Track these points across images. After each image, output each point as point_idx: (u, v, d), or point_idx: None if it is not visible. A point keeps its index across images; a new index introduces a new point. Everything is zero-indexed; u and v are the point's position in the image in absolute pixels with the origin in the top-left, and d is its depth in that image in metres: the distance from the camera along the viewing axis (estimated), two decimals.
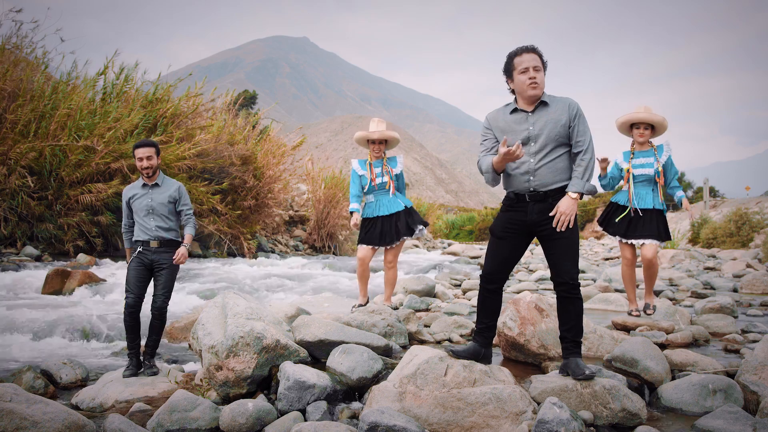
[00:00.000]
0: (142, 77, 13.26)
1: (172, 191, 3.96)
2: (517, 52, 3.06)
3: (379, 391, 2.91)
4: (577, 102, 3.07)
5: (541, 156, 3.03)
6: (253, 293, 7.53)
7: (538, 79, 2.99)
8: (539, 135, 3.03)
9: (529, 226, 3.05)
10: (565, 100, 3.07)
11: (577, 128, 3.02)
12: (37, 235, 10.09)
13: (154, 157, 3.89)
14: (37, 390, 3.52)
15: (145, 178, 3.93)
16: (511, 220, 3.09)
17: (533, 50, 3.04)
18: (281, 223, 16.84)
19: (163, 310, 3.86)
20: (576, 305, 3.01)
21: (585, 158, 3.00)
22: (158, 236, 3.88)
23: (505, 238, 3.10)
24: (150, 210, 3.89)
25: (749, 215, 15.95)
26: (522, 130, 3.06)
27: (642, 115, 4.69)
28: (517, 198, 3.10)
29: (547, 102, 3.05)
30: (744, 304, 6.22)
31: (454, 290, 7.62)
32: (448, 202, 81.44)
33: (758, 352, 3.10)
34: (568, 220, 2.95)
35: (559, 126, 3.01)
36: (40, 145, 9.95)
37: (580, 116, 3.04)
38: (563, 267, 2.99)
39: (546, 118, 3.03)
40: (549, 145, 3.02)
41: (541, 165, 3.03)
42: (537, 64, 3.01)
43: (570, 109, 3.03)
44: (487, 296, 3.15)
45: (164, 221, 3.91)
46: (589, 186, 2.99)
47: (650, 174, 4.69)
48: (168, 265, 3.88)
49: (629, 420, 2.75)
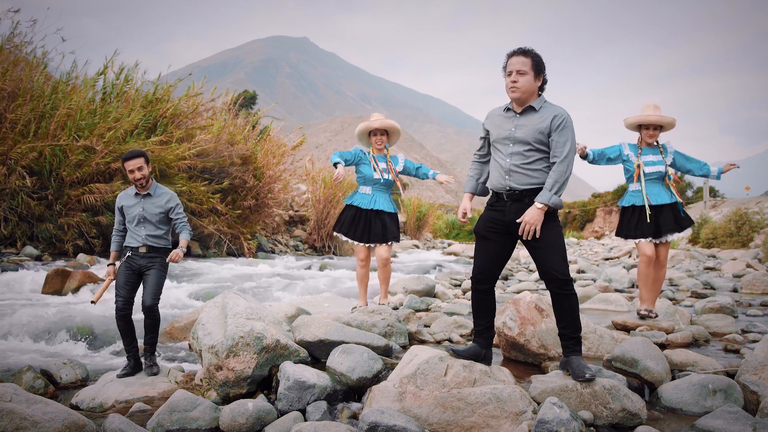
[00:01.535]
0: (142, 77, 13.22)
1: (164, 202, 3.92)
2: (509, 54, 3.08)
3: (379, 391, 2.91)
4: (566, 114, 3.03)
5: (517, 157, 3.05)
6: (253, 293, 7.53)
7: (518, 84, 3.00)
8: (518, 137, 3.05)
9: (508, 225, 3.06)
10: (554, 109, 3.04)
11: (556, 140, 3.00)
12: (37, 235, 10.08)
13: (145, 166, 3.86)
14: (37, 390, 3.52)
15: (138, 189, 3.91)
16: (492, 220, 3.11)
17: (522, 53, 3.03)
18: (281, 223, 16.84)
19: (152, 308, 3.83)
20: (570, 301, 3.00)
21: (558, 170, 2.97)
22: (147, 244, 3.88)
23: (489, 237, 3.12)
24: (141, 219, 3.88)
25: (749, 215, 15.94)
26: (505, 129, 3.11)
27: (653, 118, 4.67)
28: (496, 197, 3.15)
29: (536, 108, 3.05)
30: (744, 304, 6.22)
31: (454, 290, 7.62)
32: (448, 202, 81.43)
33: (758, 352, 3.10)
34: (532, 229, 2.95)
35: (537, 132, 3.01)
36: (40, 145, 9.95)
37: (563, 128, 2.99)
38: (550, 264, 2.98)
39: (530, 122, 3.05)
40: (524, 148, 3.04)
41: (515, 166, 3.05)
42: (522, 68, 3.00)
43: (554, 120, 3.00)
44: (479, 297, 3.15)
45: (155, 230, 3.90)
46: (555, 199, 2.95)
47: (662, 171, 4.69)
48: (156, 266, 3.87)
49: (629, 420, 2.75)
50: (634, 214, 4.74)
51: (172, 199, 3.96)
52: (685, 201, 32.94)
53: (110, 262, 3.97)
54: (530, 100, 3.07)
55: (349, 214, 4.93)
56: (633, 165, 4.73)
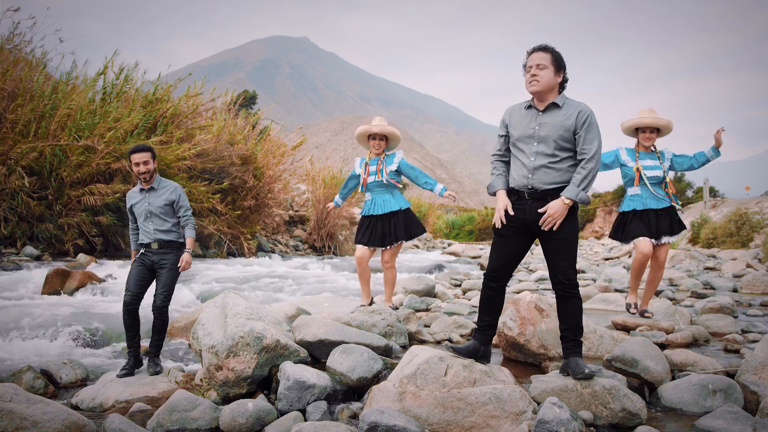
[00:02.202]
0: (142, 77, 13.25)
1: (168, 194, 3.98)
2: (529, 51, 3.09)
3: (379, 391, 2.91)
4: (590, 110, 3.02)
5: (542, 156, 3.03)
6: (253, 293, 7.53)
7: (538, 77, 3.00)
8: (542, 135, 3.04)
9: (528, 224, 3.06)
10: (578, 105, 3.05)
11: (583, 137, 2.99)
12: (37, 235, 10.08)
13: (150, 161, 3.92)
14: (37, 390, 3.53)
15: (142, 183, 3.95)
16: (512, 218, 3.10)
17: (542, 49, 3.05)
18: (281, 223, 16.84)
19: (163, 309, 3.87)
20: (574, 304, 3.02)
21: (587, 167, 2.97)
22: (158, 239, 3.92)
23: (507, 235, 3.11)
24: (148, 214, 3.94)
25: (749, 215, 15.94)
26: (529, 127, 3.08)
27: (648, 120, 4.66)
28: (517, 195, 3.11)
29: (559, 104, 3.05)
30: (744, 304, 6.22)
31: (454, 290, 7.62)
32: (448, 202, 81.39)
33: (758, 352, 3.10)
34: (554, 221, 2.95)
35: (563, 130, 3.00)
36: (40, 145, 9.95)
37: (589, 125, 2.99)
38: (560, 267, 3.00)
39: (554, 119, 3.03)
40: (550, 146, 3.02)
41: (540, 164, 3.03)
42: (541, 62, 3.02)
43: (579, 116, 3.00)
44: (490, 294, 3.17)
45: (163, 224, 3.95)
46: (583, 195, 2.96)
47: (661, 176, 4.67)
48: (169, 266, 3.92)
49: (629, 420, 2.74)
50: (634, 218, 4.71)
51: (175, 191, 4.01)
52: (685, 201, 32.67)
53: (132, 260, 4.04)
54: (551, 96, 3.06)
55: (360, 223, 5.02)
56: (631, 169, 4.73)
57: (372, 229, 4.89)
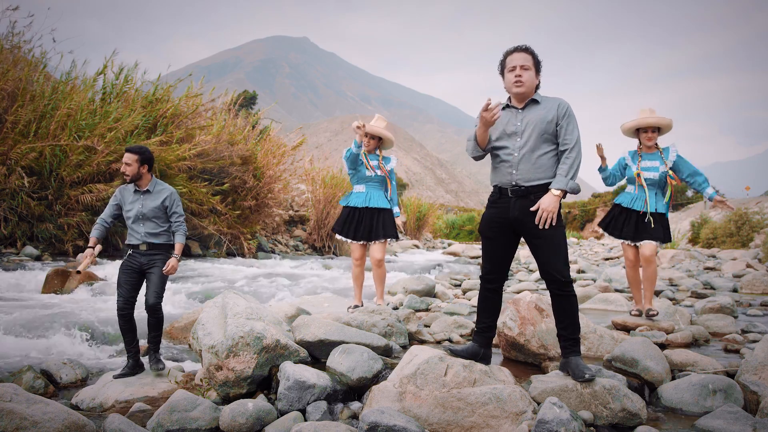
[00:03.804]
0: (142, 77, 13.22)
1: (162, 198, 3.91)
2: (509, 51, 3.12)
3: (379, 391, 2.91)
4: (568, 103, 3.10)
5: (525, 150, 3.05)
6: (253, 293, 7.53)
7: (523, 78, 3.04)
8: (526, 130, 3.07)
9: (512, 223, 3.06)
10: (555, 99, 3.11)
11: (564, 128, 3.04)
12: (37, 235, 10.08)
13: (135, 164, 3.83)
14: (37, 390, 3.52)
15: (128, 182, 3.91)
16: (495, 218, 3.11)
17: (524, 50, 3.09)
18: (281, 223, 16.84)
19: (156, 307, 3.83)
20: (570, 302, 3.01)
21: (570, 156, 3.01)
22: (147, 241, 3.87)
23: (493, 237, 3.13)
24: (140, 216, 3.87)
25: (749, 215, 15.95)
26: (512, 124, 3.12)
27: (648, 120, 4.66)
28: (500, 193, 3.12)
29: (537, 100, 3.11)
30: (744, 304, 6.22)
31: (454, 290, 7.62)
32: (448, 202, 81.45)
33: (758, 352, 3.10)
34: (550, 217, 2.95)
35: (546, 123, 3.04)
36: (40, 145, 9.95)
37: (569, 116, 3.06)
38: (552, 265, 2.98)
39: (535, 114, 3.08)
40: (534, 140, 3.05)
41: (524, 159, 3.05)
42: (525, 63, 3.05)
43: (559, 108, 3.06)
44: (487, 296, 3.17)
45: (154, 227, 3.89)
46: (572, 184, 2.99)
47: (655, 178, 4.66)
48: (158, 265, 3.86)
49: (629, 420, 2.74)
50: (621, 213, 4.81)
51: (169, 197, 3.94)
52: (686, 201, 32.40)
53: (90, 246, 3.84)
54: (530, 96, 3.12)
55: (344, 213, 5.00)
56: (632, 173, 4.75)
57: (359, 222, 4.89)
